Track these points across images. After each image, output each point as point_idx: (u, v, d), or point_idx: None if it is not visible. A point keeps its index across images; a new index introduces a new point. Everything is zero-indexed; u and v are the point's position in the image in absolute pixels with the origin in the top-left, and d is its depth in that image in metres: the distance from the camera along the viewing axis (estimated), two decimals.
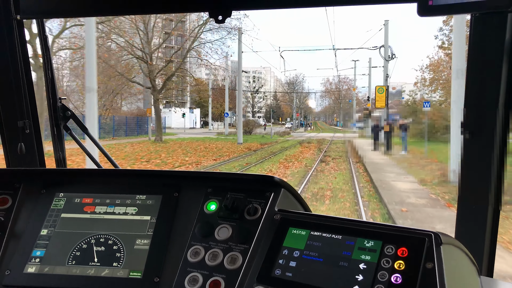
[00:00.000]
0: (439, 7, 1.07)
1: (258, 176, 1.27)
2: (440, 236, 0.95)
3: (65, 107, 1.84)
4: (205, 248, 1.16)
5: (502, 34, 1.24)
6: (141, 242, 1.22)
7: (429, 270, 0.92)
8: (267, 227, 1.14)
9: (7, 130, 1.69)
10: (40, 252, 1.22)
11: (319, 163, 17.18)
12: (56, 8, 1.56)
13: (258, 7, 1.43)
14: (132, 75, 29.07)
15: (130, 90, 34.67)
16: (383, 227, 1.03)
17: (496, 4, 1.02)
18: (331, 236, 1.07)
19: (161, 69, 27.67)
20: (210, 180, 1.32)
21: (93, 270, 1.18)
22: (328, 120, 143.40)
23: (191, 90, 75.80)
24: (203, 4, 1.43)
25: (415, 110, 29.97)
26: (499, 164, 1.34)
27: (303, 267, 1.03)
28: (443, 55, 27.70)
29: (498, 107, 1.29)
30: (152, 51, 27.27)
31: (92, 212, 1.29)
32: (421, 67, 37.10)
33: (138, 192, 1.31)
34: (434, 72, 28.10)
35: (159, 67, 27.93)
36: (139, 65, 28.66)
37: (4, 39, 1.59)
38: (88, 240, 1.23)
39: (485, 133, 1.33)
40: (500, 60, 1.26)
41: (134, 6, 1.51)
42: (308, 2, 1.36)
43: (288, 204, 1.23)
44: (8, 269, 1.20)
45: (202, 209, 1.25)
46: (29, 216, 1.30)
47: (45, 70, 1.76)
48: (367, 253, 1.00)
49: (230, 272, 1.10)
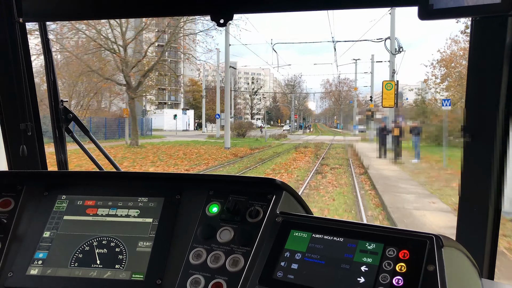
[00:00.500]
0: (440, 10, 1.09)
1: (260, 178, 1.29)
2: (441, 239, 0.98)
3: (67, 109, 1.87)
4: (207, 250, 1.19)
5: (502, 37, 1.28)
6: (143, 245, 1.25)
7: (430, 272, 0.94)
8: (269, 229, 1.17)
9: (9, 132, 1.74)
10: (43, 254, 1.26)
11: (313, 175, 13.98)
12: (58, 11, 1.60)
13: (260, 10, 1.48)
14: (108, 72, 25.27)
15: (113, 89, 30.87)
16: (385, 229, 1.06)
17: (497, 8, 1.03)
18: (332, 239, 1.09)
19: (136, 64, 23.97)
20: (212, 183, 1.35)
21: (96, 272, 1.21)
22: (328, 122, 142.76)
23: (185, 90, 72.55)
24: (205, 7, 1.47)
25: (424, 110, 26.24)
26: (500, 167, 1.37)
27: (305, 270, 1.06)
28: (456, 48, 23.97)
29: (498, 110, 1.32)
30: (127, 43, 23.59)
31: (94, 214, 1.32)
32: (432, 62, 33.40)
33: (140, 195, 1.34)
34: (446, 67, 24.41)
35: (135, 62, 24.23)
36: (114, 60, 24.92)
37: (7, 42, 1.63)
38: (91, 242, 1.27)
39: (485, 136, 1.36)
40: (501, 63, 1.30)
41: (135, 9, 1.55)
42: (309, 6, 1.41)
43: (289, 207, 1.26)
44: (10, 271, 1.23)
45: (204, 211, 1.28)
46: (32, 218, 1.33)
47: (47, 72, 1.80)
48: (369, 256, 1.03)
49: (232, 274, 1.13)
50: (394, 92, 17.77)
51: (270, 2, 1.44)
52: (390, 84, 18.09)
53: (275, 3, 1.43)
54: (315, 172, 15.27)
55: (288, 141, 39.37)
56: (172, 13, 1.64)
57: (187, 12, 1.54)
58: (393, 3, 1.40)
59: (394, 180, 13.14)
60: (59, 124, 1.86)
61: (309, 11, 1.44)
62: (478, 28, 1.32)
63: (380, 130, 21.59)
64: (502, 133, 1.33)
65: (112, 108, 40.03)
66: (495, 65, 1.30)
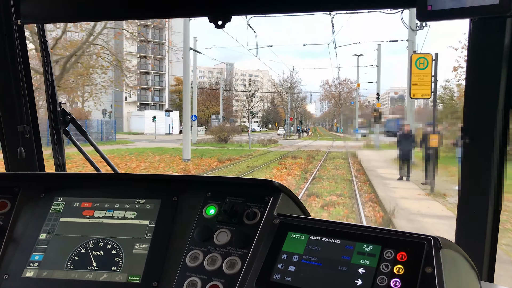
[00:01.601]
0: (438, 12, 1.10)
1: (257, 180, 1.29)
2: (439, 241, 0.97)
3: (65, 112, 1.86)
4: (204, 252, 1.18)
5: (501, 38, 1.28)
6: (140, 247, 1.24)
7: (428, 274, 0.93)
8: (266, 231, 1.17)
9: (7, 134, 1.73)
10: (39, 257, 1.25)
11: None
12: (56, 13, 1.59)
13: (258, 12, 1.47)
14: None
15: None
16: (382, 231, 1.06)
17: (495, 9, 1.04)
18: (330, 241, 1.09)
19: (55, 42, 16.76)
20: (209, 185, 1.34)
21: (92, 275, 1.20)
22: (328, 126, 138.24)
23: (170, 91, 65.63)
24: (203, 9, 1.45)
25: (455, 110, 19.07)
26: (499, 169, 1.37)
27: (302, 272, 1.05)
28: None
29: (497, 112, 1.32)
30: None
31: (91, 216, 1.31)
32: (464, 44, 25.58)
33: (137, 196, 1.33)
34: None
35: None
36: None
37: (5, 44, 1.61)
38: (87, 244, 1.26)
39: (484, 137, 1.36)
40: (499, 64, 1.30)
41: (133, 11, 1.54)
42: (307, 8, 1.39)
43: (287, 209, 1.25)
44: (6, 274, 1.22)
45: (201, 213, 1.27)
46: (28, 220, 1.33)
47: (45, 74, 1.79)
48: (366, 258, 1.02)
49: (229, 276, 1.12)
50: (431, 72, 10.40)
51: (268, 3, 1.43)
52: (425, 60, 10.56)
53: (273, 4, 1.42)
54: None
55: (277, 148, 32.88)
56: (170, 14, 1.62)
57: (185, 14, 1.53)
58: (391, 5, 1.40)
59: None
60: (57, 126, 1.85)
61: (307, 13, 1.60)
62: (477, 29, 1.32)
63: (402, 138, 14.12)
64: (501, 135, 1.33)
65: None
66: (494, 66, 1.30)
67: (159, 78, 66.05)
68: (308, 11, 1.41)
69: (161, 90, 66.12)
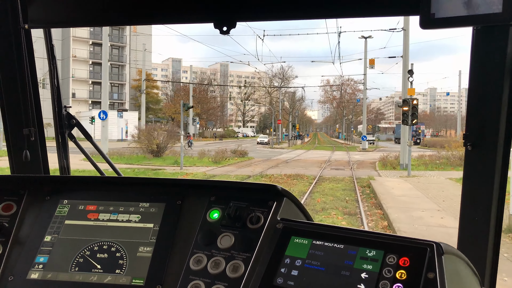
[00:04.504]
0: (442, 20, 1.09)
1: (261, 185, 1.29)
2: (441, 246, 0.98)
3: (70, 115, 1.87)
4: (207, 256, 1.19)
5: (504, 47, 1.28)
6: (144, 250, 1.24)
7: (430, 280, 0.93)
8: (270, 236, 1.17)
9: (12, 137, 1.74)
10: (44, 259, 1.25)
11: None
12: (64, 17, 1.59)
13: (263, 18, 1.48)
14: None
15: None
16: (385, 236, 1.06)
17: (498, 17, 1.03)
18: (333, 245, 1.08)
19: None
20: (213, 189, 1.35)
21: (96, 277, 1.20)
22: (329, 131, 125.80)
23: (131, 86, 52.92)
24: (208, 15, 1.44)
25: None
26: (502, 176, 1.37)
27: (305, 276, 1.05)
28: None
29: (500, 119, 1.32)
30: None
31: (95, 219, 1.32)
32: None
33: (141, 200, 1.34)
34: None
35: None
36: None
37: (12, 48, 1.62)
38: (91, 247, 1.26)
39: (487, 145, 1.36)
40: (502, 72, 1.30)
41: (140, 17, 1.54)
42: (311, 15, 1.39)
43: (290, 213, 1.25)
44: (11, 275, 1.23)
45: (205, 217, 1.27)
46: (33, 222, 1.33)
47: (51, 78, 1.79)
48: (369, 263, 1.02)
49: (232, 280, 1.12)
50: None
51: (273, 10, 1.43)
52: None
53: (278, 11, 1.42)
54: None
55: (232, 168, 19.96)
56: (175, 20, 1.61)
57: (190, 20, 1.44)
58: (394, 13, 1.37)
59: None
60: (62, 130, 1.87)
61: (311, 19, 1.43)
62: (480, 37, 1.32)
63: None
64: (504, 142, 1.34)
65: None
66: (497, 74, 1.30)
67: (118, 71, 53.69)
68: (311, 18, 1.40)
69: (121, 85, 53.69)
